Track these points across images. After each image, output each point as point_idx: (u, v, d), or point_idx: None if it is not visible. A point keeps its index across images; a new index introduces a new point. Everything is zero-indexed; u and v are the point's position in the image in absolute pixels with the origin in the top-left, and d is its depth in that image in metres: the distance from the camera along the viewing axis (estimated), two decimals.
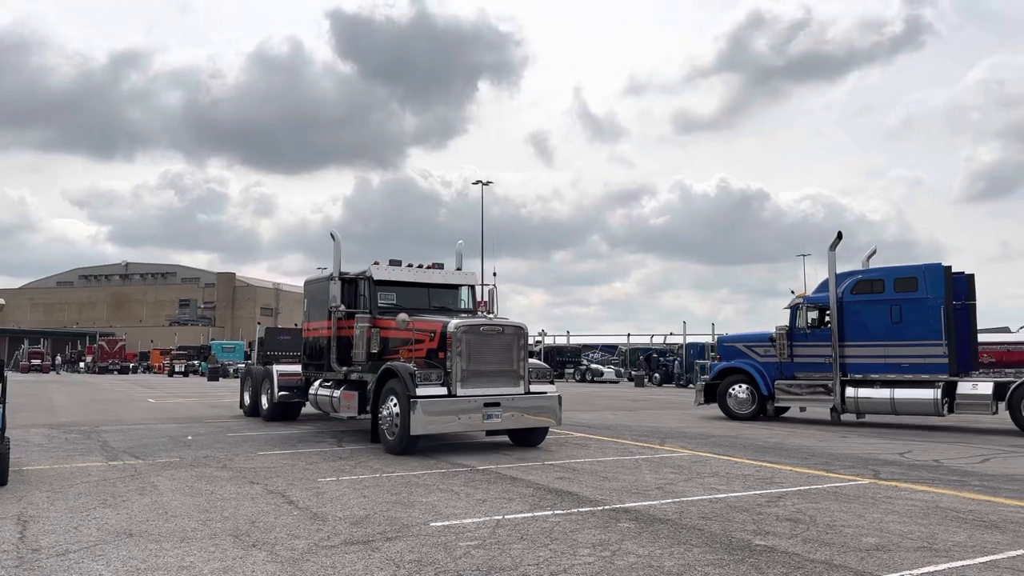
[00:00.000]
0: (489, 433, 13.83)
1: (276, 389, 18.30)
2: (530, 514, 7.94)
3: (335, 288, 14.75)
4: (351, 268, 15.63)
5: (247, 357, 70.83)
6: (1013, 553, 6.46)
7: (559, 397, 13.56)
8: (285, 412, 18.84)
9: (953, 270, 17.86)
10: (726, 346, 21.41)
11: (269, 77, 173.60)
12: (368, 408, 13.74)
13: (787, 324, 19.31)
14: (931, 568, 5.99)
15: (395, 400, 12.51)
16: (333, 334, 15.13)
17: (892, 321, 18.01)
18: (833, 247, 18.93)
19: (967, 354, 18.09)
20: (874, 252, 19.58)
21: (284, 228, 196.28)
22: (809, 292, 20.29)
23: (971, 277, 18.30)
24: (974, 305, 18.21)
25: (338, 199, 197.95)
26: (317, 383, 16.58)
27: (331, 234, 15.23)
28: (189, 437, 15.43)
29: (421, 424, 11.97)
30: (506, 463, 11.67)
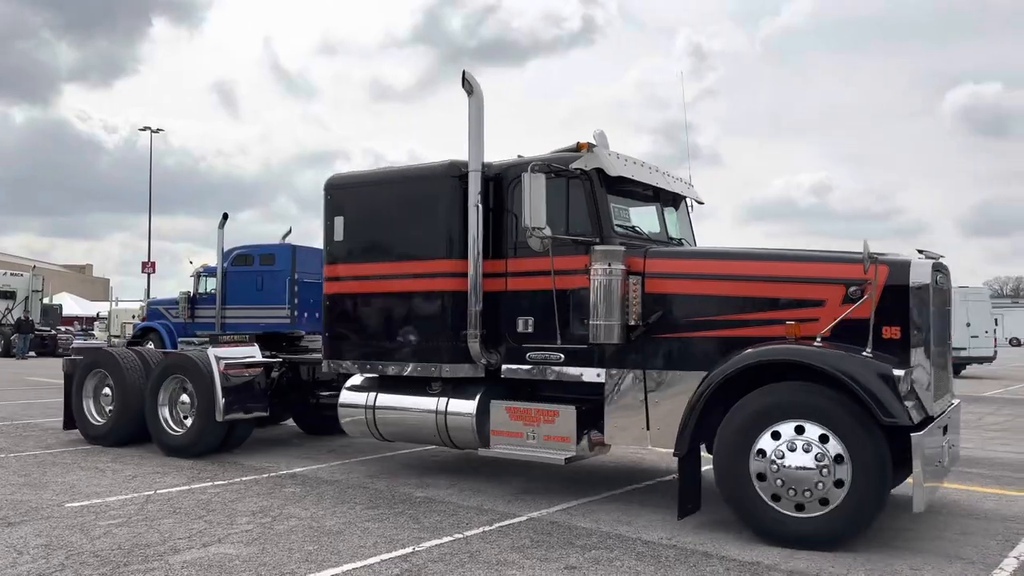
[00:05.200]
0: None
1: (220, 396, 8.91)
2: (187, 487, 7.49)
3: (535, 187, 6.56)
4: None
5: None
6: (629, 487, 7.54)
7: None
8: (225, 440, 9.34)
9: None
10: (151, 308, 24.26)
11: None
12: (606, 435, 6.84)
13: (190, 289, 22.77)
14: (564, 506, 6.78)
15: (822, 432, 5.52)
16: (473, 287, 7.30)
17: (257, 288, 21.84)
18: (221, 226, 22.81)
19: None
20: (289, 232, 23.04)
21: None
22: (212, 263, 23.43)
23: None
24: None
25: None
26: (356, 382, 8.32)
27: (464, 79, 7.44)
28: None
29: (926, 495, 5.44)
30: None
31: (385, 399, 7.95)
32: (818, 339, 5.84)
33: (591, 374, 6.87)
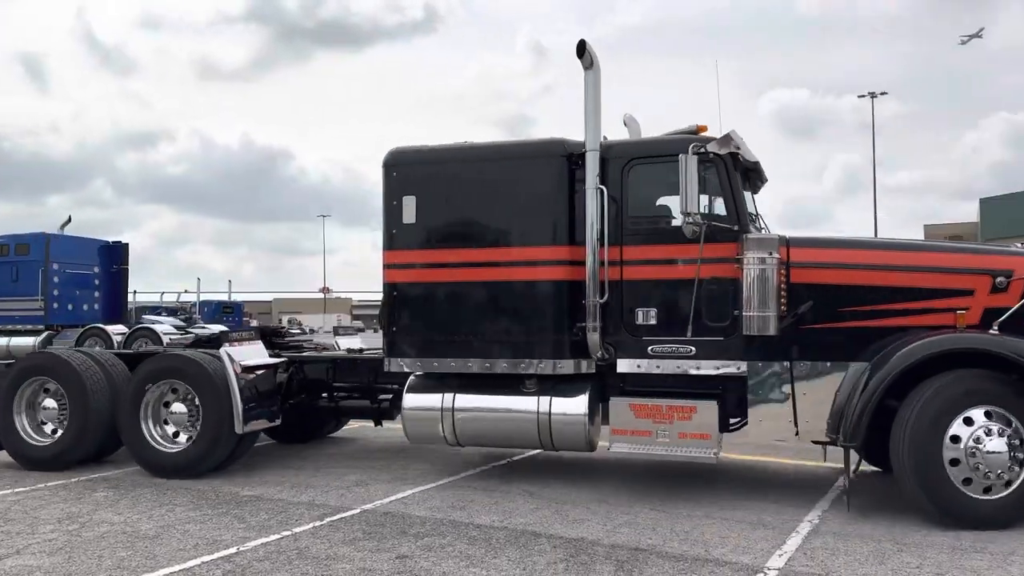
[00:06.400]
0: None
1: (239, 404, 7.41)
2: None
3: (691, 171, 6.27)
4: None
5: None
6: (465, 473, 7.63)
7: None
8: (231, 455, 7.91)
9: (112, 241, 22.25)
10: None
11: None
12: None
13: None
14: (399, 496, 6.75)
15: (1008, 417, 5.69)
16: (592, 277, 6.73)
17: (12, 279, 21.42)
18: None
19: (117, 308, 22.81)
20: (68, 221, 22.49)
21: None
22: None
23: (126, 246, 23.50)
24: (127, 269, 23.27)
25: None
26: (418, 383, 7.49)
27: (584, 51, 6.80)
28: None
29: None
30: None
31: (468, 400, 7.16)
32: (995, 327, 5.95)
33: (730, 367, 6.57)
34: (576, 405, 6.82)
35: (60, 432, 8.01)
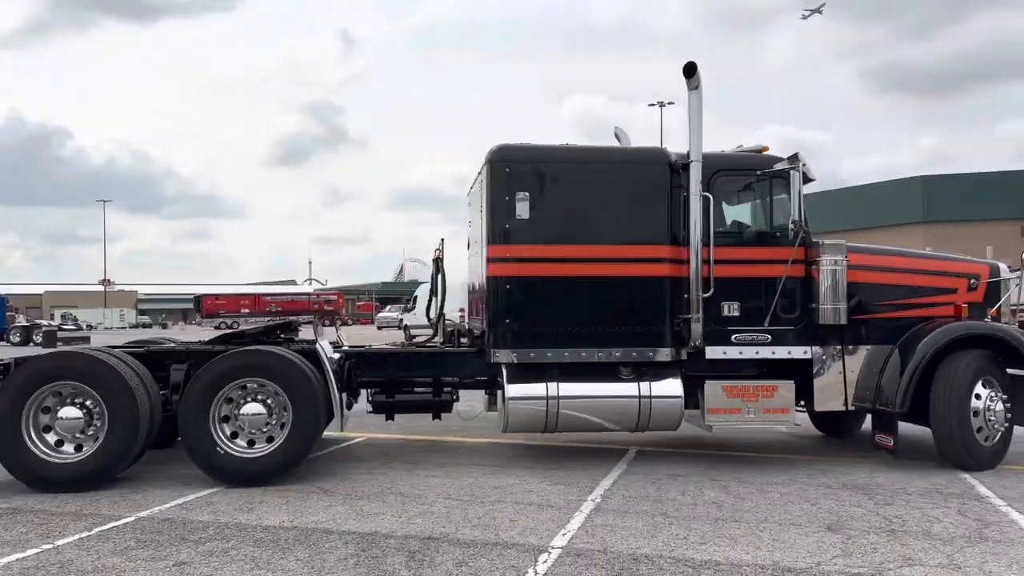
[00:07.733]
0: None
1: (338, 398, 7.33)
2: None
3: (798, 184, 7.52)
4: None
5: None
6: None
7: None
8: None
9: None
10: None
11: None
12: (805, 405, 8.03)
13: None
14: (180, 500, 6.36)
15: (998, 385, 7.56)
16: (696, 274, 7.46)
17: None
18: None
19: None
20: None
21: None
22: None
23: None
24: None
25: None
26: (516, 373, 7.60)
27: (692, 72, 7.63)
28: None
29: None
30: None
31: (573, 388, 7.57)
32: (988, 317, 7.91)
33: (799, 352, 7.70)
34: (674, 388, 7.63)
35: (94, 446, 6.74)
